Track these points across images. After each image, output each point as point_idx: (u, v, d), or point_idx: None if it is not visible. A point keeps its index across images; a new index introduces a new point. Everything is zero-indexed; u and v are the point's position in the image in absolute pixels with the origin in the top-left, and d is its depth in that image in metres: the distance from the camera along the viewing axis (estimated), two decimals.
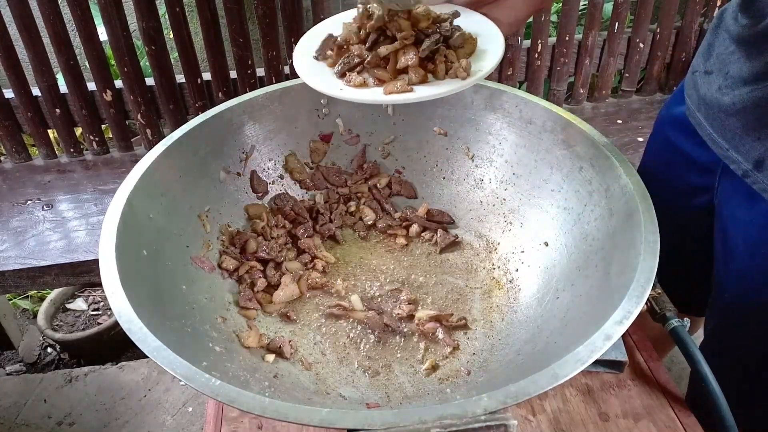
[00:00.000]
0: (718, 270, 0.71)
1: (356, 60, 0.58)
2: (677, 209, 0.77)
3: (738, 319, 0.70)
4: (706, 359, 0.59)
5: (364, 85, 0.57)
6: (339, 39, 0.60)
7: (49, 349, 1.62)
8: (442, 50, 0.57)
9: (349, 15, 0.62)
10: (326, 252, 0.76)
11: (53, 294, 1.66)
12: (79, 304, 1.70)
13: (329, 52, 0.60)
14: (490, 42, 0.59)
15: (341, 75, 0.59)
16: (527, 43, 1.39)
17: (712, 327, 0.75)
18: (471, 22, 0.60)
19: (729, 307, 0.70)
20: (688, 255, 0.79)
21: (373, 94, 0.56)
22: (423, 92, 0.56)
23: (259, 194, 0.77)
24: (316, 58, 0.61)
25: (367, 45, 0.58)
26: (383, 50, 0.57)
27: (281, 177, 0.79)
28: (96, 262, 1.05)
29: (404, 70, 0.57)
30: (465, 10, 0.60)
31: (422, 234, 0.78)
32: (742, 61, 0.62)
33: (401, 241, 0.78)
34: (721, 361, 0.59)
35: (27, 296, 1.72)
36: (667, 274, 0.61)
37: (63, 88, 1.27)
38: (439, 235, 0.77)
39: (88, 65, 1.24)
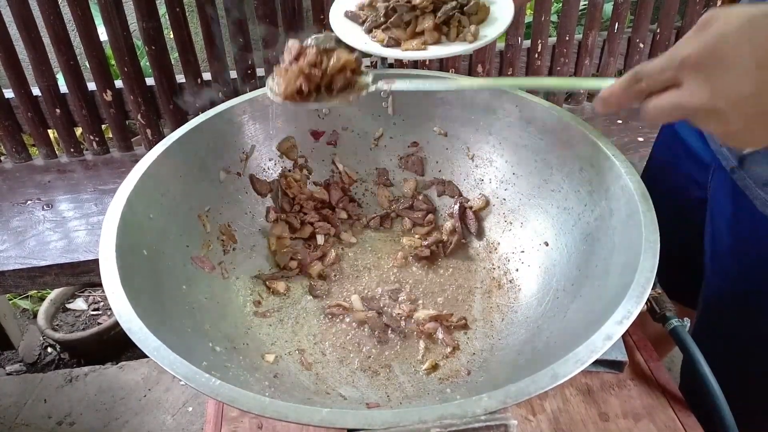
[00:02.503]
0: (706, 263, 0.73)
1: (381, 19, 0.69)
2: (677, 200, 0.78)
3: (721, 312, 0.72)
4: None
5: (383, 41, 0.69)
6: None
7: (49, 349, 1.62)
8: (456, 16, 0.68)
9: None
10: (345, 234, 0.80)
11: (53, 294, 1.66)
12: (79, 304, 1.70)
13: (360, 12, 0.72)
14: (502, 11, 0.70)
15: (368, 31, 0.70)
16: (527, 43, 1.39)
17: (698, 317, 0.76)
18: None
19: (714, 299, 0.72)
20: (683, 246, 0.80)
21: (392, 51, 0.69)
22: (433, 51, 0.68)
23: (262, 194, 0.77)
24: (346, 15, 0.73)
25: (390, 5, 0.69)
26: (406, 16, 0.68)
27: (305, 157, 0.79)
28: (96, 262, 1.05)
29: (421, 32, 0.69)
30: None
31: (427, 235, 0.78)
32: None
33: (419, 241, 0.77)
34: (707, 352, 0.60)
35: (27, 296, 1.72)
36: (663, 268, 0.62)
37: (63, 88, 1.27)
38: (452, 238, 0.76)
39: (88, 65, 1.24)
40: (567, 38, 1.38)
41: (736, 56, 0.35)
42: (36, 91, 1.26)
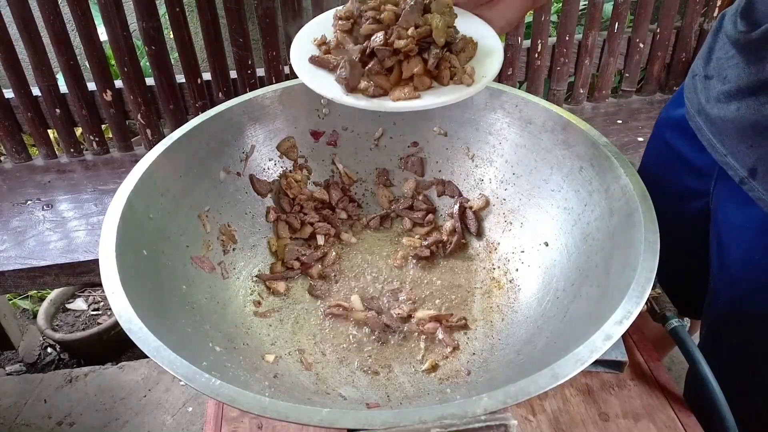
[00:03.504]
0: (713, 274, 0.71)
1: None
2: (674, 212, 0.77)
3: (732, 324, 0.70)
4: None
5: (366, 91, 0.57)
6: (332, 37, 0.61)
7: (49, 349, 1.62)
8: (445, 56, 0.57)
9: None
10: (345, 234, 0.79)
11: (53, 294, 1.66)
12: (79, 304, 1.70)
13: (326, 56, 0.60)
14: (488, 44, 0.60)
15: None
16: (527, 43, 1.39)
17: (707, 330, 0.75)
18: (464, 23, 0.61)
19: (723, 312, 0.71)
20: (684, 258, 0.79)
21: (381, 103, 0.57)
22: (431, 100, 0.56)
23: (262, 194, 0.77)
24: (312, 61, 0.60)
25: (366, 51, 0.57)
26: (388, 62, 0.56)
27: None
28: (96, 262, 1.05)
29: (408, 78, 0.57)
30: (458, 10, 0.60)
31: (428, 235, 0.78)
32: (740, 66, 0.61)
33: (418, 241, 0.77)
34: (717, 364, 0.59)
35: (27, 296, 1.72)
36: (664, 277, 0.61)
37: (63, 88, 1.27)
38: (453, 238, 0.76)
39: (88, 65, 1.24)
40: (567, 38, 1.38)
41: None
42: (36, 91, 1.26)
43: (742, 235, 0.65)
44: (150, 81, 1.28)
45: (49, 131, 1.33)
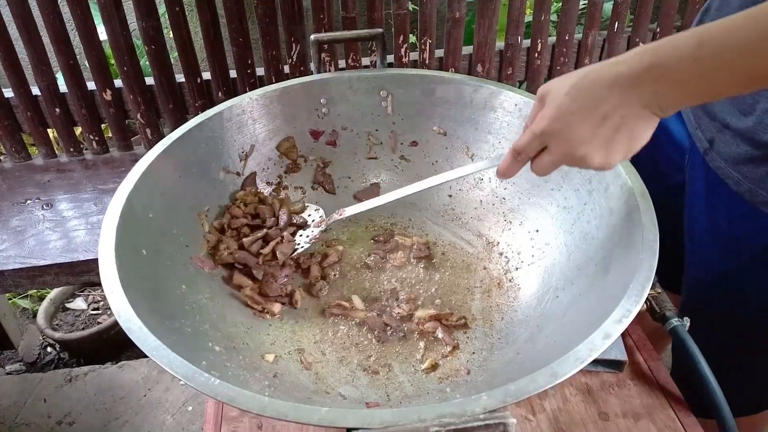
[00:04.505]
0: (686, 245, 0.74)
1: None
2: (659, 185, 0.79)
3: (702, 294, 0.73)
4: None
5: None
6: None
7: (48, 349, 1.62)
8: None
9: None
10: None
11: (53, 293, 1.66)
12: (78, 303, 1.70)
13: None
14: None
15: None
16: (527, 42, 1.39)
17: (683, 302, 0.77)
18: None
19: (694, 282, 0.73)
20: (667, 232, 0.81)
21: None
22: None
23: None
24: None
25: None
26: None
27: (281, 177, 0.79)
28: (96, 261, 1.04)
29: None
30: None
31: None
32: None
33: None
34: (693, 331, 0.60)
35: (27, 296, 1.72)
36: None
37: (63, 87, 1.26)
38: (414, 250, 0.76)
39: (87, 65, 1.24)
40: (567, 38, 1.38)
41: (572, 116, 0.48)
42: (36, 90, 1.26)
43: (709, 205, 0.68)
44: (150, 80, 1.28)
45: (49, 131, 1.32)
